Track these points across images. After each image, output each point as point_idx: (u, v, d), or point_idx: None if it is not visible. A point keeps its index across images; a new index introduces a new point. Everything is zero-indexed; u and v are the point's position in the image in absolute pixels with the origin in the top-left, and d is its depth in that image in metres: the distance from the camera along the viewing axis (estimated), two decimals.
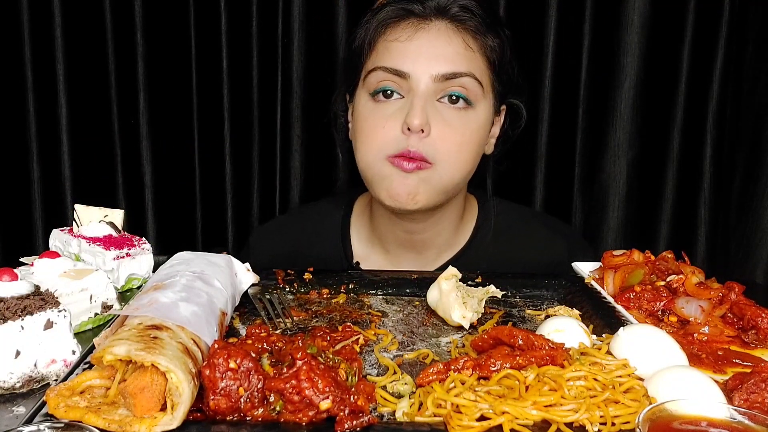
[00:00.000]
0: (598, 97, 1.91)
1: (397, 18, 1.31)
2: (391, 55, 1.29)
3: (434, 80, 1.26)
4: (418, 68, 1.26)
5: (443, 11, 1.30)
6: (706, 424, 0.69)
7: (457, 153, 1.30)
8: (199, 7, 1.88)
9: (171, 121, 1.96)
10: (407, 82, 1.27)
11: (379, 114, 1.29)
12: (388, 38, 1.30)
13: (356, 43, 1.37)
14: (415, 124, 1.23)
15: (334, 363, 0.82)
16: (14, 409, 0.78)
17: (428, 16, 1.30)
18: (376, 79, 1.30)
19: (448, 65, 1.27)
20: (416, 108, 1.24)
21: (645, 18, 1.85)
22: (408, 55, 1.27)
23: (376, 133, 1.29)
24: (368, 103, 1.32)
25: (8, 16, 1.87)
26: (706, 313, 1.02)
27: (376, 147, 1.29)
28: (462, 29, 1.30)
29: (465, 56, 1.29)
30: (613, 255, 1.21)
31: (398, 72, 1.27)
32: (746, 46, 1.86)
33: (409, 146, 1.25)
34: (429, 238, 1.44)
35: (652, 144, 1.92)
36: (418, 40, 1.28)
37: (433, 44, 1.28)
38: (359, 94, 1.35)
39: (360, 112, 1.34)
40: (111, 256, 1.16)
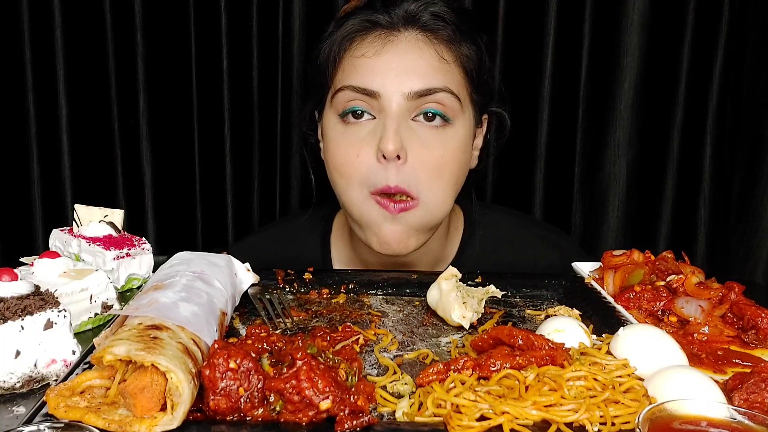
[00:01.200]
0: (598, 97, 1.91)
1: (363, 31, 1.21)
2: (358, 73, 1.19)
3: (407, 98, 1.17)
4: (389, 86, 1.17)
5: (413, 20, 1.20)
6: (706, 424, 0.69)
7: (438, 179, 1.21)
8: (199, 7, 1.88)
9: (171, 121, 1.96)
10: (378, 102, 1.18)
11: (351, 138, 1.20)
12: (355, 54, 1.20)
13: (320, 58, 1.26)
14: (390, 150, 1.14)
15: (334, 363, 0.82)
16: (14, 409, 0.78)
17: (396, 26, 1.20)
18: (343, 99, 1.20)
19: (422, 81, 1.17)
20: (389, 131, 1.15)
21: (645, 18, 1.85)
22: (377, 72, 1.18)
23: (350, 162, 1.20)
24: (337, 125, 1.22)
25: (8, 16, 1.87)
26: (706, 313, 1.02)
27: (356, 181, 1.20)
28: (434, 39, 1.21)
29: (439, 69, 1.19)
30: (613, 255, 1.21)
31: (367, 91, 1.17)
32: (746, 46, 1.86)
33: (388, 181, 1.17)
34: (414, 260, 1.37)
35: (652, 144, 1.92)
36: (386, 54, 1.18)
37: (403, 58, 1.18)
38: (327, 114, 1.26)
39: (329, 135, 1.24)
40: (111, 256, 1.16)
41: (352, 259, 1.46)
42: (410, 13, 1.21)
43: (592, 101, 1.91)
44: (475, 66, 1.26)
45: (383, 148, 1.16)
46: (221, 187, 2.00)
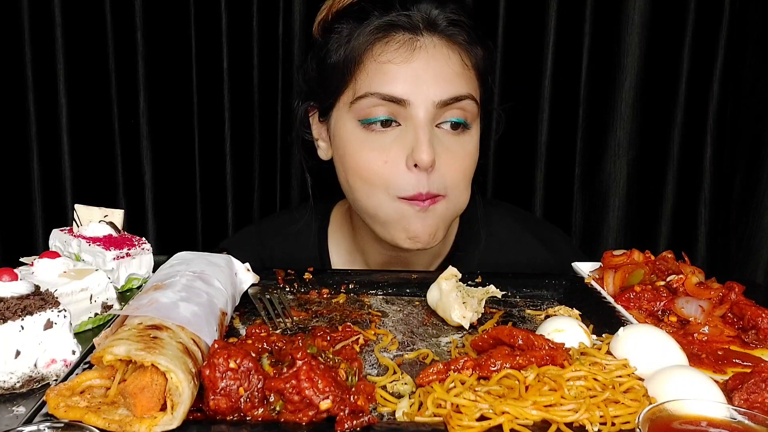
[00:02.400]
0: (598, 97, 1.91)
1: (384, 34, 1.18)
2: (385, 80, 1.16)
3: (435, 106, 1.17)
4: (419, 95, 1.15)
5: (433, 24, 1.19)
6: (706, 424, 0.69)
7: (464, 180, 1.25)
8: (199, 7, 1.88)
9: (171, 121, 1.96)
10: (405, 110, 1.16)
11: (375, 144, 1.19)
12: (379, 59, 1.17)
13: (333, 58, 1.22)
14: (426, 161, 1.14)
15: (334, 363, 0.82)
16: (14, 409, 0.78)
17: (419, 30, 1.18)
18: (367, 105, 1.17)
19: (450, 89, 1.17)
20: (423, 142, 1.15)
21: (645, 18, 1.86)
22: (407, 80, 1.16)
23: (377, 169, 1.18)
24: (357, 130, 1.20)
25: (8, 16, 1.87)
26: (706, 313, 1.02)
27: (382, 187, 1.19)
28: (455, 44, 1.20)
29: (463, 75, 1.20)
30: (613, 255, 1.21)
31: (395, 99, 1.16)
32: (746, 46, 1.86)
33: (419, 189, 1.17)
34: (414, 257, 1.38)
35: (652, 144, 1.92)
36: (415, 62, 1.16)
37: (431, 65, 1.16)
38: (342, 116, 1.23)
39: (348, 139, 1.22)
40: (111, 256, 1.16)
41: (350, 253, 1.45)
42: (431, 18, 1.20)
43: (592, 101, 1.91)
44: (486, 68, 1.27)
45: (418, 159, 1.15)
46: (221, 187, 2.00)
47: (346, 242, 1.45)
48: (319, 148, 1.34)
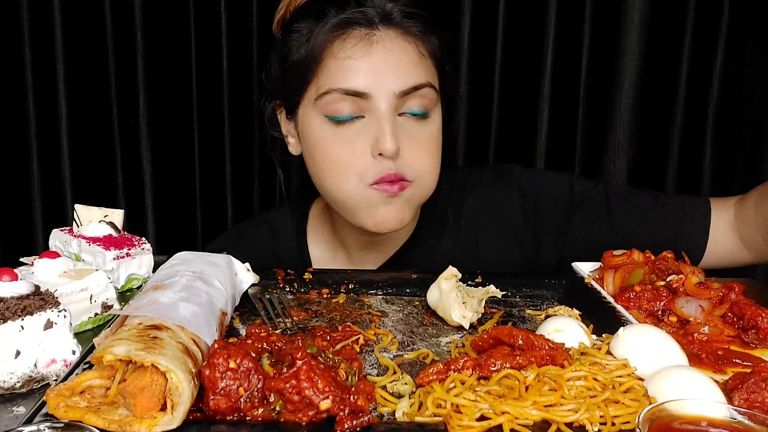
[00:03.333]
0: (598, 97, 1.91)
1: (341, 31, 1.22)
2: (346, 75, 1.20)
3: (396, 97, 1.21)
4: (379, 87, 1.20)
5: (388, 18, 1.23)
6: (706, 424, 0.69)
7: (431, 165, 1.28)
8: (199, 7, 1.88)
9: (171, 121, 1.96)
10: (367, 102, 1.21)
11: (343, 138, 1.23)
12: (339, 55, 1.21)
13: (294, 56, 1.26)
14: (390, 150, 1.19)
15: (334, 363, 0.82)
16: (14, 409, 0.78)
17: (373, 23, 1.22)
18: (332, 101, 1.22)
19: (408, 79, 1.21)
20: (386, 132, 1.20)
21: (645, 18, 1.86)
22: (366, 74, 1.20)
23: (346, 159, 1.23)
24: (325, 125, 1.24)
25: (8, 16, 1.87)
26: (706, 313, 1.02)
27: (353, 175, 1.23)
28: (410, 35, 1.24)
29: (421, 65, 1.24)
30: (613, 255, 1.21)
31: (357, 93, 1.20)
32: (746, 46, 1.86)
33: (387, 169, 1.22)
34: (390, 237, 1.43)
35: (652, 144, 1.92)
36: (373, 55, 1.20)
37: (389, 58, 1.21)
38: (308, 113, 1.27)
39: (317, 135, 1.26)
40: (111, 256, 1.16)
41: (331, 248, 1.49)
42: (386, 11, 1.24)
43: (592, 101, 1.91)
44: (443, 56, 1.31)
45: (383, 149, 1.20)
46: (221, 187, 2.00)
47: (327, 235, 1.49)
48: (290, 144, 1.39)
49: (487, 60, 1.90)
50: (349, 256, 1.47)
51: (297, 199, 1.55)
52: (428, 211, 1.46)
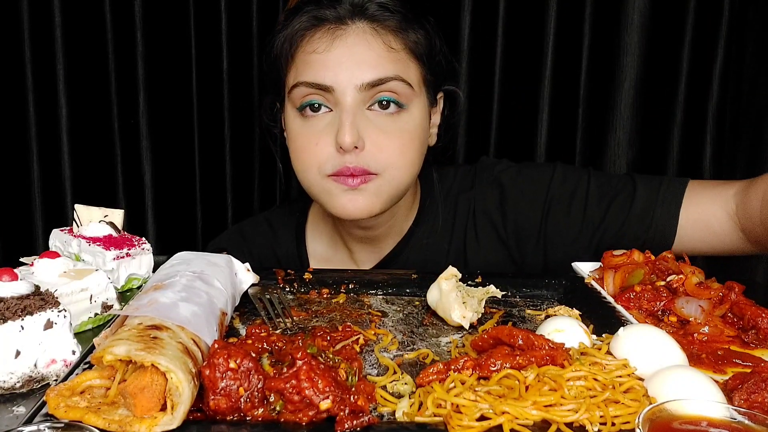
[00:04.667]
0: (598, 97, 1.91)
1: (312, 27, 1.25)
2: (311, 69, 1.23)
3: (360, 90, 1.22)
4: (341, 80, 1.21)
5: (360, 12, 1.24)
6: (706, 424, 0.69)
7: (400, 157, 1.27)
8: (199, 7, 1.88)
9: (171, 121, 1.96)
10: (332, 95, 1.23)
11: (310, 130, 1.26)
12: (306, 50, 1.24)
13: (273, 53, 1.31)
14: (347, 143, 1.20)
15: (334, 363, 0.82)
16: (14, 409, 0.78)
17: (344, 20, 1.24)
18: (300, 94, 1.25)
19: (372, 72, 1.22)
20: (345, 125, 1.21)
21: (645, 18, 1.86)
22: (329, 67, 1.22)
23: (309, 150, 1.26)
24: (296, 118, 1.28)
25: (8, 16, 1.87)
26: (706, 313, 1.02)
27: (313, 165, 1.26)
28: (382, 29, 1.24)
29: (389, 58, 1.24)
30: (613, 255, 1.21)
31: (321, 86, 1.22)
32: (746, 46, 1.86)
33: (346, 163, 1.23)
34: (385, 231, 1.44)
35: (652, 144, 1.92)
36: (336, 49, 1.22)
37: (352, 51, 1.22)
38: (287, 107, 1.32)
39: (290, 127, 1.31)
40: (111, 256, 1.16)
41: (332, 244, 1.50)
42: (356, 6, 1.25)
43: (592, 101, 1.91)
44: (425, 49, 1.30)
45: (340, 141, 1.21)
46: (221, 187, 2.00)
47: (327, 231, 1.50)
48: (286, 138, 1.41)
49: (487, 60, 1.90)
50: (350, 252, 1.49)
51: (298, 198, 1.58)
52: (425, 209, 1.47)
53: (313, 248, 1.51)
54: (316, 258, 1.50)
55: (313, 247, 1.51)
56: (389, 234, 1.45)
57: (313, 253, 1.50)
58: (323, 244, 1.51)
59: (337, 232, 1.49)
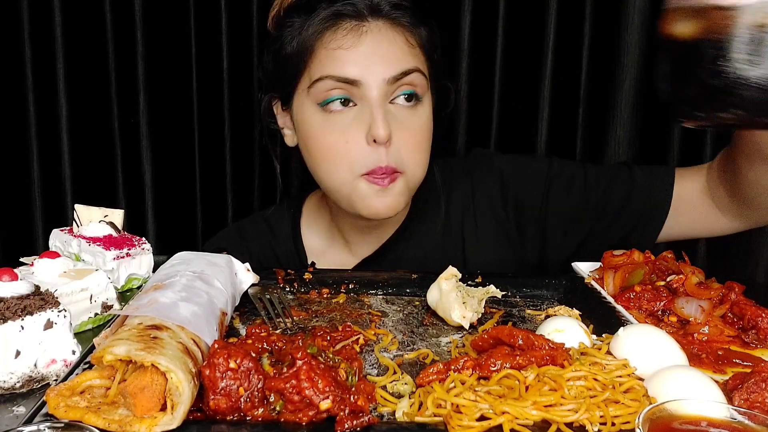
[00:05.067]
0: (598, 97, 1.91)
1: (331, 23, 1.27)
2: (337, 63, 1.25)
3: (386, 83, 1.25)
4: (370, 74, 1.24)
5: (377, 10, 1.28)
6: (706, 424, 0.69)
7: (419, 153, 1.32)
8: (199, 7, 1.88)
9: (171, 121, 1.96)
10: (359, 90, 1.25)
11: (336, 126, 1.26)
12: (329, 45, 1.25)
13: (286, 50, 1.31)
14: (382, 136, 1.22)
15: (334, 363, 0.82)
16: (14, 409, 0.78)
17: (364, 17, 1.27)
18: (323, 89, 1.26)
19: (397, 65, 1.26)
20: (378, 118, 1.23)
21: (645, 17, 1.85)
22: (356, 62, 1.24)
23: (338, 148, 1.26)
24: (317, 114, 1.28)
25: (8, 16, 1.87)
26: (706, 313, 1.02)
27: (346, 165, 1.27)
28: (398, 26, 1.29)
29: (409, 53, 1.28)
30: (613, 255, 1.21)
31: (348, 80, 1.24)
32: None
33: (380, 162, 1.25)
34: (385, 222, 1.46)
35: (652, 144, 1.92)
36: (362, 44, 1.25)
37: (377, 46, 1.26)
38: (303, 102, 1.30)
39: (309, 123, 1.30)
40: (111, 256, 1.16)
41: (327, 237, 1.52)
42: (374, 3, 1.28)
43: (592, 101, 1.91)
44: (432, 45, 1.35)
45: (376, 135, 1.23)
46: (221, 187, 2.00)
47: (323, 224, 1.53)
48: (285, 136, 1.42)
49: (487, 60, 1.90)
50: (346, 242, 1.51)
51: (294, 197, 1.61)
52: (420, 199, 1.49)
53: (309, 242, 1.53)
54: (312, 252, 1.52)
55: (308, 241, 1.53)
56: (389, 223, 1.48)
57: (309, 247, 1.53)
58: (319, 237, 1.54)
59: (334, 225, 1.51)
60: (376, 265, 1.46)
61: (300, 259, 1.51)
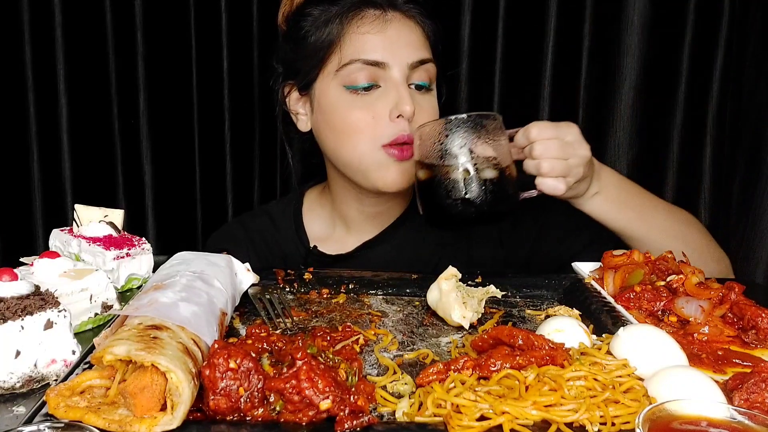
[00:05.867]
0: (598, 98, 1.91)
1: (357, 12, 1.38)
2: (366, 47, 1.35)
3: (408, 67, 1.36)
4: (395, 58, 1.35)
5: (393, 4, 1.40)
6: (706, 424, 0.69)
7: None
8: (199, 7, 1.88)
9: (171, 121, 1.96)
10: (384, 72, 1.35)
11: (363, 104, 1.36)
12: (359, 31, 1.36)
13: (312, 37, 1.40)
14: (408, 111, 1.33)
15: (334, 363, 0.82)
16: (14, 409, 0.78)
17: (385, 8, 1.38)
18: (353, 71, 1.36)
19: (418, 52, 1.38)
20: (405, 96, 1.34)
21: (645, 18, 1.85)
22: (384, 46, 1.35)
23: (365, 123, 1.36)
24: (344, 94, 1.37)
25: (8, 16, 1.87)
26: (706, 313, 1.02)
27: (369, 138, 1.36)
28: (414, 20, 1.41)
29: (425, 44, 1.41)
30: (613, 255, 1.21)
31: (377, 63, 1.35)
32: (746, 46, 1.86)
33: (402, 131, 1.34)
34: (388, 208, 1.54)
35: (652, 144, 1.92)
36: (389, 31, 1.37)
37: (401, 33, 1.38)
38: (328, 84, 1.39)
39: (334, 103, 1.39)
40: (111, 256, 1.16)
41: (329, 223, 1.59)
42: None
43: (592, 101, 1.91)
44: (437, 40, 1.46)
45: (402, 110, 1.34)
46: (221, 187, 2.00)
47: (325, 212, 1.60)
48: (299, 121, 1.50)
49: (487, 60, 1.90)
50: (348, 229, 1.56)
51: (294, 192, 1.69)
52: None
53: (311, 229, 1.59)
54: (313, 238, 1.57)
55: (311, 228, 1.59)
56: (391, 209, 1.54)
57: (311, 233, 1.58)
58: (321, 224, 1.59)
59: (336, 213, 1.57)
60: (376, 248, 1.51)
61: (302, 243, 1.56)
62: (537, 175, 1.22)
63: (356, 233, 1.55)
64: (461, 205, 1.16)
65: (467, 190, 1.16)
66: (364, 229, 1.54)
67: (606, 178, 1.37)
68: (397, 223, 1.54)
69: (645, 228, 1.35)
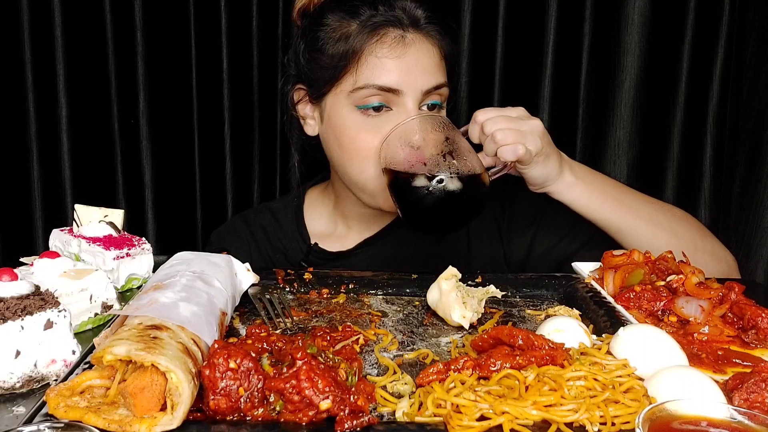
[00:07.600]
0: (598, 97, 1.91)
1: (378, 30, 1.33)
2: (382, 72, 1.32)
3: (422, 94, 1.34)
4: (410, 85, 1.32)
5: (415, 23, 1.36)
6: (706, 424, 0.69)
7: None
8: (199, 7, 1.88)
9: (171, 121, 1.96)
10: (397, 97, 1.33)
11: (372, 126, 1.34)
12: (377, 54, 1.33)
13: (330, 50, 1.36)
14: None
15: (334, 363, 0.82)
16: (14, 409, 0.78)
17: (405, 26, 1.35)
18: (365, 95, 1.33)
19: (433, 79, 1.35)
20: None
21: (645, 18, 1.86)
22: (400, 73, 1.32)
23: (372, 147, 1.33)
24: (354, 114, 1.35)
25: (8, 16, 1.87)
26: (706, 313, 1.02)
27: (377, 162, 1.33)
28: (432, 39, 1.37)
29: (440, 66, 1.38)
30: (613, 255, 1.21)
31: (392, 90, 1.32)
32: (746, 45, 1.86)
33: None
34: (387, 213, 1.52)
35: (652, 144, 1.92)
36: (407, 56, 1.33)
37: (419, 59, 1.34)
38: (339, 102, 1.37)
39: (344, 122, 1.37)
40: (111, 256, 1.16)
41: (331, 222, 1.60)
42: (413, 15, 1.36)
43: (592, 101, 1.91)
44: (453, 57, 1.45)
45: None
46: (221, 187, 2.00)
47: (326, 211, 1.61)
48: (308, 125, 1.48)
49: (487, 60, 1.90)
50: (349, 227, 1.57)
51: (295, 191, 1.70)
52: None
53: (313, 226, 1.60)
54: (314, 235, 1.58)
55: (312, 226, 1.60)
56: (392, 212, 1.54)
57: (312, 231, 1.59)
58: (322, 222, 1.61)
59: (338, 213, 1.58)
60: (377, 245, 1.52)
61: (303, 240, 1.57)
62: (496, 148, 1.24)
63: (357, 231, 1.56)
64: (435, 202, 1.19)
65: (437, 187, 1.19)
66: (364, 227, 1.55)
67: (580, 169, 1.38)
68: (397, 221, 1.54)
69: (630, 218, 1.35)
